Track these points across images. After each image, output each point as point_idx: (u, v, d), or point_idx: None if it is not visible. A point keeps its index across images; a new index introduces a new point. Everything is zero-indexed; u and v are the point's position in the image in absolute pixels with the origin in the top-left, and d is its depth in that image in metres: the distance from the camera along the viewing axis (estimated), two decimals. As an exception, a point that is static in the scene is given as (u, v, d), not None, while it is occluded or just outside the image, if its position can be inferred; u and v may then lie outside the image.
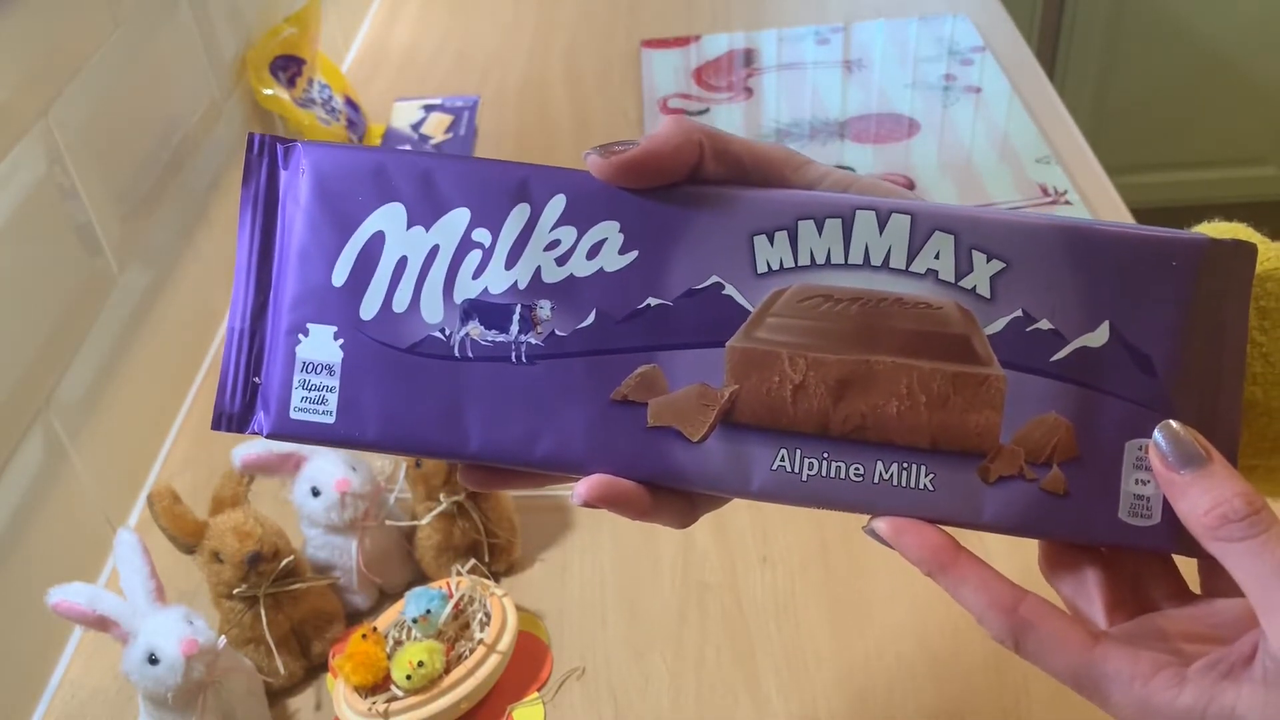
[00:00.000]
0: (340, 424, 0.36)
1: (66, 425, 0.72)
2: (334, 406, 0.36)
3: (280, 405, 0.37)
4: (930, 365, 0.35)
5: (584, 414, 0.36)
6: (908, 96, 1.22)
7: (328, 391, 0.37)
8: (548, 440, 0.36)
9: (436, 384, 0.36)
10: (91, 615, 0.59)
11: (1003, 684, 0.64)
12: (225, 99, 1.01)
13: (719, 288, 0.36)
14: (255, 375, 0.37)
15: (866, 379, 0.35)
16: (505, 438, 0.36)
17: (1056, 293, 0.34)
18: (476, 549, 0.71)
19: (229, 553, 0.63)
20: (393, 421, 0.36)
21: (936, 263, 0.35)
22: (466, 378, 0.36)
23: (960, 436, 0.35)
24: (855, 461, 0.35)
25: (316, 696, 0.67)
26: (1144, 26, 2.03)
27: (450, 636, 0.64)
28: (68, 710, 0.68)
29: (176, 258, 0.90)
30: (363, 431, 0.36)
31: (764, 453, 0.35)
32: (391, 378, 0.36)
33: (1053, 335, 0.35)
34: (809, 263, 0.35)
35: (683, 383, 0.36)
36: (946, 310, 0.35)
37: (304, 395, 0.37)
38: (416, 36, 1.45)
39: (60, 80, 0.74)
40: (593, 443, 0.36)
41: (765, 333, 0.35)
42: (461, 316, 0.36)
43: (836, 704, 0.64)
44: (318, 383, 0.37)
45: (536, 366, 0.36)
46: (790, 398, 0.35)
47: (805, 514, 0.74)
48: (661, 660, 0.67)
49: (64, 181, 0.73)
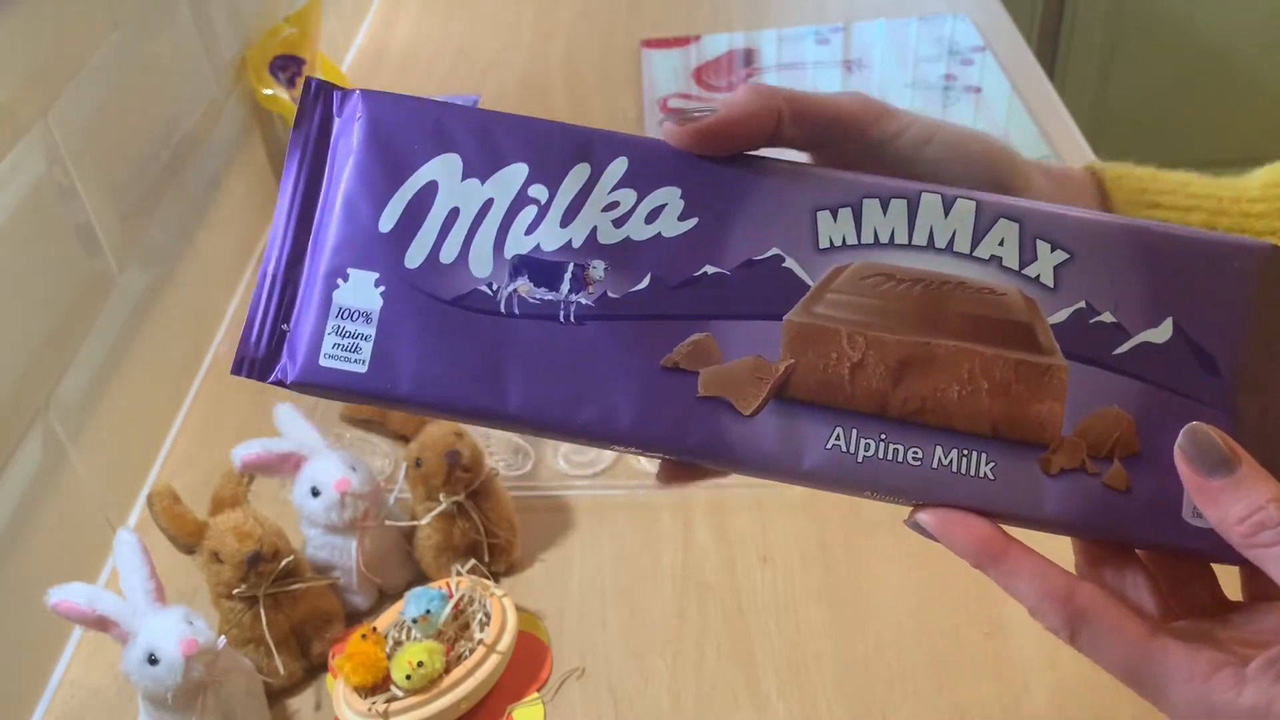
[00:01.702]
0: (372, 375, 0.35)
1: (66, 425, 0.72)
2: (367, 356, 0.35)
3: (309, 352, 0.35)
4: (993, 351, 0.34)
5: (632, 379, 0.34)
6: (908, 96, 1.22)
7: (362, 340, 0.35)
8: (592, 405, 0.34)
9: (479, 339, 0.35)
10: (91, 615, 0.59)
11: (1003, 684, 0.64)
12: (225, 99, 1.01)
13: (779, 260, 0.35)
14: (284, 322, 0.36)
15: (927, 361, 0.34)
16: (548, 400, 0.35)
17: (1120, 287, 0.34)
18: (476, 549, 0.70)
19: (229, 553, 0.63)
20: (428, 376, 0.35)
21: (1001, 249, 0.34)
22: (511, 335, 0.35)
23: (1022, 425, 0.34)
24: (914, 445, 0.34)
25: (316, 697, 0.67)
26: (1144, 27, 2.03)
27: (450, 637, 0.64)
28: (67, 710, 0.68)
29: (176, 258, 0.90)
30: (395, 385, 0.35)
31: (818, 430, 0.34)
32: (432, 330, 0.35)
33: (1115, 329, 0.34)
34: (872, 241, 0.35)
35: (737, 354, 0.35)
36: (1010, 297, 0.34)
37: (336, 342, 0.35)
38: (416, 36, 1.45)
39: (60, 80, 0.74)
40: (640, 410, 0.34)
41: (825, 309, 0.35)
42: (511, 272, 0.35)
43: (836, 704, 0.64)
44: (352, 330, 0.35)
45: (585, 328, 0.35)
46: (848, 376, 0.34)
47: (805, 514, 0.75)
48: (661, 660, 0.67)
49: (63, 181, 0.73)
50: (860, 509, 0.75)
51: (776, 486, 0.76)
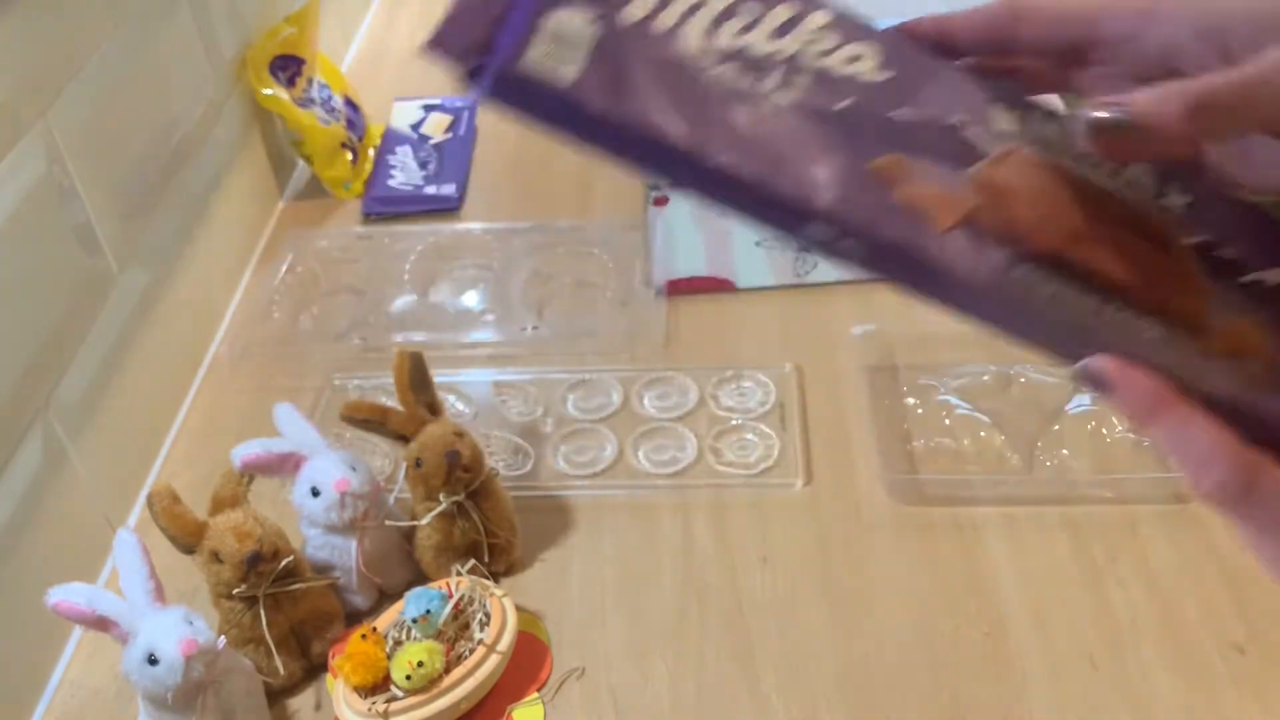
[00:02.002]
0: (576, 88, 0.34)
1: (66, 425, 0.72)
2: (574, 72, 0.34)
3: (514, 51, 0.34)
4: (1148, 245, 0.36)
5: (834, 168, 0.35)
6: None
7: (569, 57, 0.34)
8: (793, 174, 0.34)
9: (686, 90, 0.35)
10: (91, 615, 0.59)
11: (1002, 683, 0.64)
12: (225, 99, 1.01)
13: (962, 126, 0.37)
14: (492, 30, 0.35)
15: (1094, 241, 0.36)
16: (748, 158, 0.34)
17: (1237, 239, 0.37)
18: (476, 549, 0.71)
19: (228, 553, 0.63)
20: (632, 99, 0.34)
21: (1140, 179, 0.38)
22: (718, 99, 0.35)
23: (1179, 313, 0.36)
24: (1087, 295, 0.35)
25: (316, 697, 0.67)
26: (1143, 27, 2.03)
27: (450, 637, 0.64)
28: (67, 710, 0.68)
29: (176, 257, 0.90)
30: (595, 100, 0.34)
31: (999, 258, 0.35)
32: (638, 68, 0.34)
33: (1234, 263, 0.37)
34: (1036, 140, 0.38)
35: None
36: (1157, 213, 0.37)
37: (546, 51, 0.34)
38: (416, 36, 1.45)
39: (60, 80, 0.74)
40: (841, 193, 0.35)
41: (1005, 173, 0.36)
42: (719, 58, 0.36)
43: (836, 704, 0.64)
44: (559, 48, 0.34)
45: (789, 117, 0.35)
46: (1025, 233, 0.36)
47: (805, 514, 0.75)
48: (661, 660, 0.67)
49: (63, 181, 0.73)
50: (860, 509, 0.75)
51: (776, 486, 0.76)
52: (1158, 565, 0.70)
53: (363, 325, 0.94)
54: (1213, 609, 0.67)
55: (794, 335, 0.90)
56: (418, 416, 0.70)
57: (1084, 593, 0.69)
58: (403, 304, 0.96)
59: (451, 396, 0.86)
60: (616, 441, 0.81)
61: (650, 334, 0.90)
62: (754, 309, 0.93)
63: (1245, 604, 0.67)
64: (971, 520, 0.74)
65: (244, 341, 0.92)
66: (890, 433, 0.79)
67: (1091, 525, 0.73)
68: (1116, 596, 0.68)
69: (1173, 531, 0.72)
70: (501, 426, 0.84)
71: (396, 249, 1.02)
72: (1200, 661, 0.64)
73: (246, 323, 0.94)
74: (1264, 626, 0.66)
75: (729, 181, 0.34)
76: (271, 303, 0.96)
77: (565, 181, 1.12)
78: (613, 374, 0.87)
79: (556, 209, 1.08)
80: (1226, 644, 0.65)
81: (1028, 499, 0.74)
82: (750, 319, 0.92)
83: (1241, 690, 0.63)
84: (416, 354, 0.71)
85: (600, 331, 0.91)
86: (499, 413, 0.85)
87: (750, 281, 0.96)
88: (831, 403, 0.83)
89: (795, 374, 0.85)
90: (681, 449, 0.80)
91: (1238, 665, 0.64)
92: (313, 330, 0.95)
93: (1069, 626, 0.67)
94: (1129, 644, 0.66)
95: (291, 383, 0.88)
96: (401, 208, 1.09)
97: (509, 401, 0.86)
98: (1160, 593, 0.68)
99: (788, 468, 0.78)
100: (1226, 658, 0.64)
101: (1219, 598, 0.68)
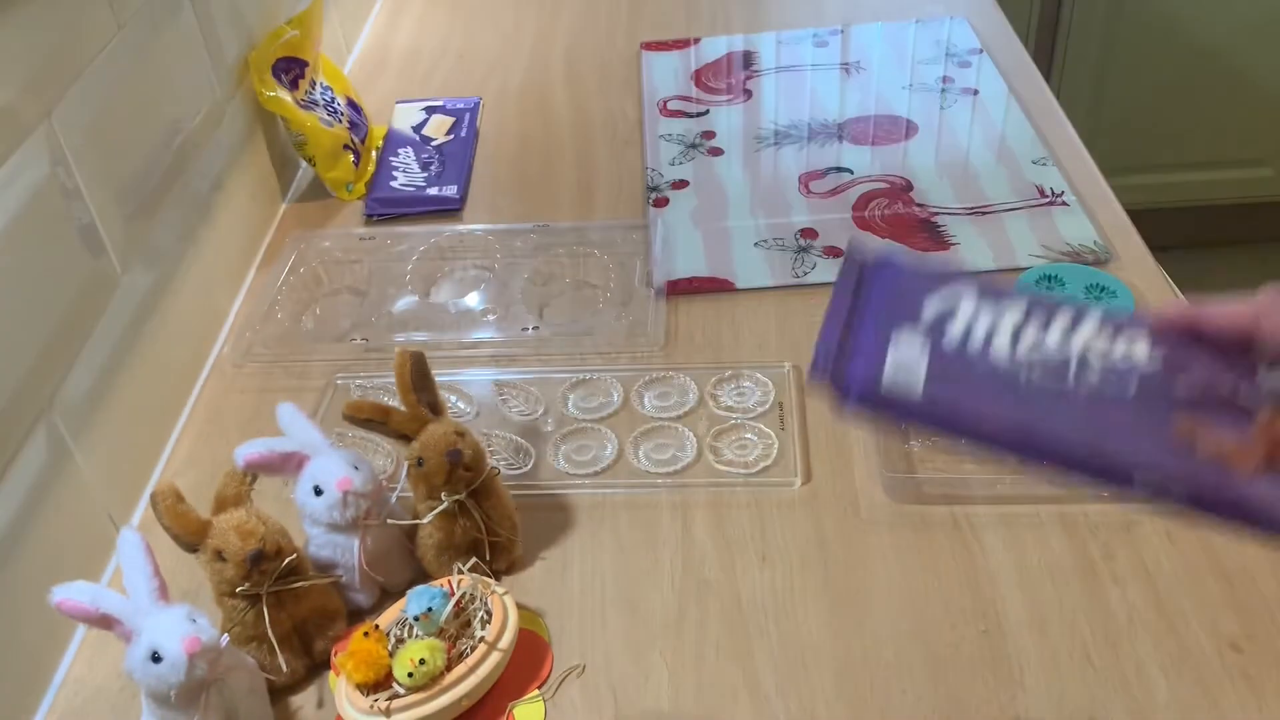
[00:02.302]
0: (925, 402, 0.44)
1: (70, 425, 0.72)
2: (919, 388, 0.44)
3: (871, 377, 0.44)
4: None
5: (1144, 435, 0.43)
6: (905, 98, 1.23)
7: (914, 377, 0.45)
8: (1114, 447, 0.43)
9: (1004, 388, 0.44)
10: (95, 613, 0.59)
11: (999, 681, 0.64)
12: (227, 101, 1.01)
13: (1232, 388, 0.45)
14: (847, 358, 0.46)
15: None
16: (1073, 437, 0.43)
17: None
18: (478, 547, 0.71)
19: (231, 551, 0.64)
20: (969, 407, 0.44)
21: None
22: (1036, 394, 0.44)
23: None
24: None
25: (318, 694, 0.67)
26: (1141, 28, 2.03)
27: (451, 634, 0.64)
28: (71, 708, 0.68)
29: (179, 258, 0.90)
30: (944, 410, 0.44)
31: None
32: (970, 381, 0.45)
33: None
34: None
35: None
36: None
37: (893, 377, 0.44)
38: (418, 38, 1.46)
39: (63, 82, 0.74)
40: (1157, 455, 0.43)
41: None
42: (1026, 366, 0.45)
43: (835, 700, 0.64)
44: (903, 373, 0.45)
45: (1095, 396, 0.44)
46: None
47: (805, 513, 0.75)
48: (661, 658, 0.67)
49: (67, 182, 0.74)
50: (858, 508, 0.75)
51: (775, 485, 0.77)
52: (1154, 563, 0.70)
53: (365, 325, 0.94)
54: (1209, 607, 0.67)
55: (793, 335, 0.90)
56: (419, 416, 0.71)
57: (1081, 591, 0.69)
58: (405, 304, 0.97)
59: (453, 396, 0.87)
60: (617, 441, 0.82)
61: (650, 334, 0.91)
62: (753, 309, 0.93)
63: (1241, 602, 0.67)
64: (969, 519, 0.74)
65: (247, 342, 0.93)
66: (888, 432, 0.80)
67: (1088, 524, 0.73)
68: (1113, 594, 0.69)
69: (1169, 530, 0.72)
70: (502, 426, 0.84)
71: (398, 250, 1.03)
72: (1196, 659, 0.65)
73: (249, 323, 0.95)
74: (1260, 624, 0.66)
75: (1064, 457, 0.43)
76: (274, 303, 0.97)
77: (566, 183, 1.12)
78: (613, 374, 0.88)
79: (557, 210, 1.08)
80: (1223, 642, 0.65)
81: (1025, 498, 0.75)
82: (749, 319, 0.92)
83: (1238, 687, 0.63)
84: (418, 354, 0.71)
85: (600, 331, 0.92)
86: (500, 412, 0.86)
87: (750, 282, 0.96)
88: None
89: (794, 374, 0.86)
90: (681, 448, 0.81)
91: (1234, 663, 0.64)
92: (315, 330, 0.95)
93: (1066, 624, 0.67)
94: (1125, 641, 0.66)
95: (294, 382, 0.89)
96: (403, 209, 1.10)
97: (510, 401, 0.86)
98: (1157, 591, 0.69)
99: (786, 467, 0.78)
100: (1223, 655, 0.65)
101: (1215, 596, 0.68)
